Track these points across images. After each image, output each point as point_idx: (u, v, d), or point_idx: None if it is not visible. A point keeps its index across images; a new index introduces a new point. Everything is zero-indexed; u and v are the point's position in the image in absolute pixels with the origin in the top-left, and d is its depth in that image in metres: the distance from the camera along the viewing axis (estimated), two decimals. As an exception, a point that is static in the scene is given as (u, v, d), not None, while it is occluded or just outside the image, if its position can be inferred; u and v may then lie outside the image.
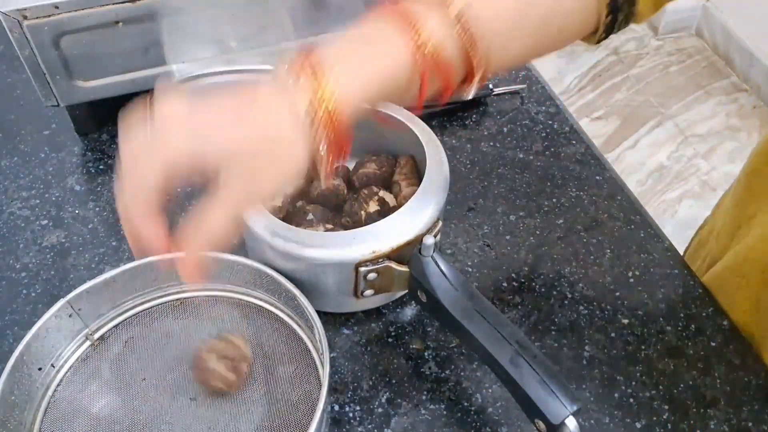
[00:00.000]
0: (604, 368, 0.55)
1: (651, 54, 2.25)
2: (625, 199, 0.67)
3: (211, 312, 0.56)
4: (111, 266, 0.61)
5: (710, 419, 0.52)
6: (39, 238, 0.64)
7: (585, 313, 0.59)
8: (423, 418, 0.52)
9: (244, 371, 0.51)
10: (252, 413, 0.50)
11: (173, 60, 0.67)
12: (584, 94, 2.11)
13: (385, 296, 0.57)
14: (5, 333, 0.57)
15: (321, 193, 0.60)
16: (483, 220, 0.66)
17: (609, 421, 0.52)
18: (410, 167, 0.61)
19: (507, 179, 0.69)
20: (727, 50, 2.19)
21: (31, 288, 0.60)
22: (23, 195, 0.68)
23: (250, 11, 0.66)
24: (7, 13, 0.58)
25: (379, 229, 0.52)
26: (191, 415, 0.50)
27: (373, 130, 0.62)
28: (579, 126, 0.75)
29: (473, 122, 0.75)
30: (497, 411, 0.53)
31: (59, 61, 0.62)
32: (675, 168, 1.89)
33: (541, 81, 0.80)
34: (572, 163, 0.71)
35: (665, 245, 0.64)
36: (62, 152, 0.72)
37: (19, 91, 0.78)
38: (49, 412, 0.50)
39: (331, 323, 0.58)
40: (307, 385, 0.51)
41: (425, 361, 0.56)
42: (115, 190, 0.40)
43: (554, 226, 0.65)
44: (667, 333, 0.57)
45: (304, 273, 0.53)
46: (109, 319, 0.55)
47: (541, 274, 0.61)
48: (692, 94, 2.12)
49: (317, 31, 0.71)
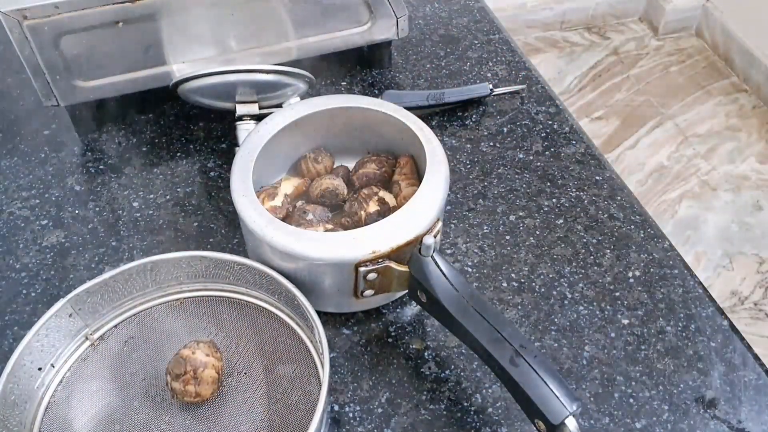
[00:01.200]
0: (604, 368, 0.55)
1: (651, 54, 2.25)
2: (625, 199, 0.67)
3: (211, 312, 0.56)
4: (111, 266, 0.61)
5: (710, 419, 0.52)
6: (39, 238, 0.64)
7: (585, 313, 0.59)
8: (423, 418, 0.52)
9: (211, 377, 0.50)
10: (252, 413, 0.50)
11: (173, 60, 0.67)
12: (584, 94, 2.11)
13: (385, 296, 0.57)
14: (5, 333, 0.57)
15: (321, 193, 0.60)
16: (483, 220, 0.66)
17: (609, 421, 0.52)
18: (410, 167, 0.61)
19: (507, 179, 0.69)
20: (727, 50, 2.19)
21: (31, 288, 0.60)
22: (23, 195, 0.68)
23: (250, 11, 0.66)
24: (7, 13, 0.58)
25: (379, 229, 0.52)
26: (191, 415, 0.50)
27: (373, 130, 0.62)
28: (579, 126, 0.75)
29: (473, 122, 0.75)
30: (497, 411, 0.53)
31: (59, 61, 0.62)
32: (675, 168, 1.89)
33: (541, 81, 0.80)
34: (572, 163, 0.71)
35: (665, 245, 0.64)
36: (62, 152, 0.72)
37: (19, 91, 0.78)
38: (49, 412, 0.50)
39: (331, 323, 0.58)
40: (307, 385, 0.51)
41: (425, 361, 0.55)
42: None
43: (554, 226, 0.65)
44: (667, 333, 0.57)
45: (304, 273, 0.53)
46: (109, 319, 0.55)
47: (541, 274, 0.61)
48: (692, 94, 2.12)
49: (317, 31, 0.71)
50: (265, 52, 0.70)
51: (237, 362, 0.53)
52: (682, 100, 2.10)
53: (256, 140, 0.58)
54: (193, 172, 0.70)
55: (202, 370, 0.49)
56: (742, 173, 1.88)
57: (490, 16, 0.89)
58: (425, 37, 0.86)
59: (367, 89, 0.79)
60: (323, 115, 0.61)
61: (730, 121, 2.03)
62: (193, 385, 0.49)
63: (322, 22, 0.71)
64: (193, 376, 0.49)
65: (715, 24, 2.22)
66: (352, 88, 0.79)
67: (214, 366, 0.50)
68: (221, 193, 0.68)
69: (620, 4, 2.32)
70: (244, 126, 0.65)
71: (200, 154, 0.72)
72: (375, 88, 0.79)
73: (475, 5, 0.91)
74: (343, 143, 0.64)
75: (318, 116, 0.60)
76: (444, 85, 0.79)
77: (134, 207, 0.67)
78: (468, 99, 0.76)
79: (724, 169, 1.89)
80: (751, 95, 2.11)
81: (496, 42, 0.85)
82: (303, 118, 0.60)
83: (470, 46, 0.85)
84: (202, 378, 0.49)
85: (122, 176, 0.69)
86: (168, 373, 0.50)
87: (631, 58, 2.24)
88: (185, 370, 0.49)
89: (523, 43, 2.24)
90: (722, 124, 2.02)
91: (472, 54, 0.84)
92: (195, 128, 0.74)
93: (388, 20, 0.73)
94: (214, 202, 0.67)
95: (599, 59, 2.23)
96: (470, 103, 0.77)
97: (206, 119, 0.75)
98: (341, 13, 0.71)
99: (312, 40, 0.71)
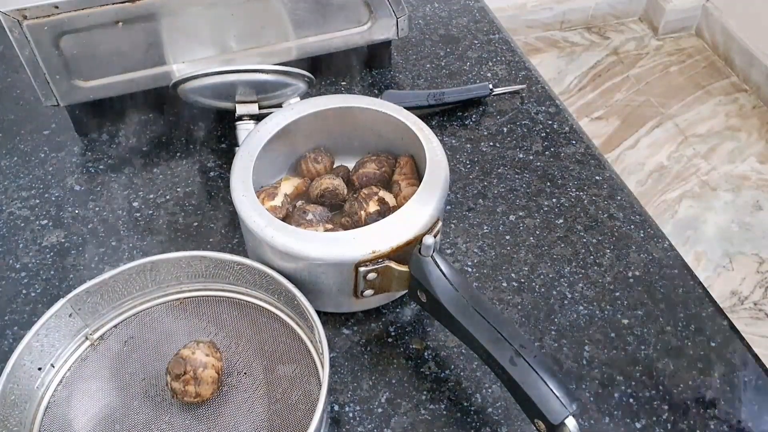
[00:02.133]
0: (604, 368, 0.55)
1: (651, 54, 2.25)
2: (625, 199, 0.67)
3: (211, 312, 0.56)
4: (111, 266, 0.61)
5: (710, 419, 0.52)
6: (39, 238, 0.64)
7: (585, 313, 0.59)
8: (423, 418, 0.52)
9: (211, 377, 0.50)
10: (252, 413, 0.50)
11: (173, 60, 0.67)
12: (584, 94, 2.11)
13: (385, 296, 0.57)
14: (5, 333, 0.57)
15: (321, 193, 0.60)
16: (483, 220, 0.66)
17: (609, 421, 0.52)
18: (410, 167, 0.61)
19: (507, 179, 0.69)
20: (727, 50, 2.19)
21: (31, 288, 0.60)
22: (23, 195, 0.68)
23: (250, 11, 0.66)
24: (7, 13, 0.58)
25: (379, 229, 0.52)
26: (191, 415, 0.50)
27: (373, 130, 0.62)
28: (579, 126, 0.75)
29: (473, 122, 0.75)
30: (497, 411, 0.53)
31: (59, 61, 0.62)
32: (675, 168, 1.89)
33: (541, 81, 0.80)
34: (572, 163, 0.71)
35: (665, 245, 0.64)
36: (62, 152, 0.72)
37: (19, 91, 0.78)
38: (49, 411, 0.50)
39: (331, 323, 0.58)
40: (307, 385, 0.51)
41: (425, 361, 0.55)
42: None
43: (554, 226, 0.65)
44: (667, 333, 0.57)
45: (304, 273, 0.53)
46: (109, 318, 0.55)
47: (541, 274, 0.61)
48: (692, 94, 2.12)
49: (317, 31, 0.71)
50: (265, 52, 0.70)
51: (237, 362, 0.53)
52: (682, 100, 2.10)
53: (256, 140, 0.58)
54: (193, 172, 0.70)
55: (202, 370, 0.49)
56: (742, 173, 1.88)
57: (489, 16, 0.89)
58: (425, 37, 0.86)
59: (367, 89, 0.79)
60: (323, 115, 0.61)
61: (730, 121, 2.03)
62: (193, 385, 0.49)
63: (322, 22, 0.71)
64: (193, 376, 0.49)
65: (715, 24, 2.22)
66: (352, 88, 0.79)
67: (214, 366, 0.50)
68: (221, 193, 0.68)
69: (620, 4, 2.32)
70: (244, 126, 0.65)
71: (200, 154, 0.72)
72: (375, 88, 0.79)
73: (475, 5, 0.91)
74: (343, 143, 0.64)
75: (318, 116, 0.60)
76: (444, 85, 0.79)
77: (134, 207, 0.67)
78: (468, 99, 0.76)
79: (724, 169, 1.89)
80: (751, 95, 2.11)
81: (496, 42, 0.85)
82: (303, 118, 0.60)
83: (470, 46, 0.85)
84: (202, 378, 0.49)
85: (122, 176, 0.69)
86: (168, 373, 0.50)
87: (631, 58, 2.24)
88: (185, 370, 0.49)
89: (523, 43, 2.24)
90: (722, 124, 2.02)
91: (472, 54, 0.84)
92: (195, 128, 0.74)
93: (388, 20, 0.73)
94: (213, 202, 0.67)
95: (599, 59, 2.23)
96: (470, 103, 0.77)
97: (206, 119, 0.75)
98: (341, 13, 0.71)
99: (312, 40, 0.71)
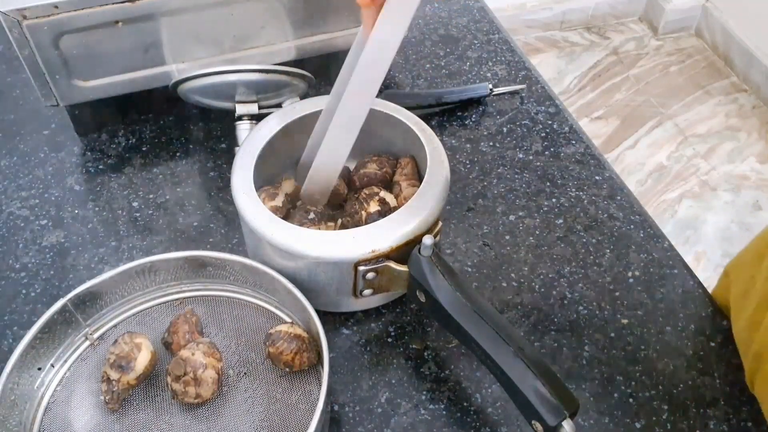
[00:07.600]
0: (604, 368, 0.55)
1: (651, 54, 2.25)
2: (625, 199, 0.67)
3: (211, 312, 0.56)
4: (111, 266, 0.61)
5: (710, 419, 0.52)
6: (38, 238, 0.64)
7: (585, 313, 0.59)
8: (423, 418, 0.52)
9: (211, 378, 0.50)
10: (252, 413, 0.50)
11: (173, 60, 0.67)
12: (584, 94, 2.11)
13: (385, 296, 0.57)
14: (5, 333, 0.57)
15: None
16: (483, 220, 0.66)
17: (609, 421, 0.52)
18: (411, 168, 0.61)
19: (507, 179, 0.69)
20: (727, 50, 2.19)
21: (31, 288, 0.60)
22: (23, 195, 0.68)
23: (250, 11, 0.66)
24: (7, 13, 0.58)
25: (379, 228, 0.52)
26: (191, 415, 0.50)
27: (373, 130, 0.62)
28: (579, 126, 0.75)
29: (473, 122, 0.75)
30: (497, 411, 0.52)
31: (59, 61, 0.62)
32: (675, 168, 1.89)
33: (541, 81, 0.80)
34: (572, 163, 0.71)
35: (665, 245, 0.64)
36: (62, 152, 0.72)
37: (19, 91, 0.78)
38: (49, 412, 0.50)
39: (331, 323, 0.58)
40: (307, 385, 0.51)
41: (425, 361, 0.55)
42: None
43: (554, 226, 0.65)
44: (667, 333, 0.57)
45: (304, 272, 0.53)
46: (109, 319, 0.55)
47: (541, 274, 0.61)
48: (692, 94, 2.12)
49: (317, 31, 0.71)
50: (265, 52, 0.70)
51: (237, 362, 0.53)
52: (682, 100, 2.10)
53: (256, 140, 0.58)
54: (193, 172, 0.70)
55: (202, 371, 0.49)
56: (742, 173, 1.88)
57: (489, 16, 0.89)
58: (425, 37, 0.86)
59: (367, 89, 0.79)
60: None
61: (729, 121, 2.03)
62: (194, 386, 0.49)
63: (322, 22, 0.70)
64: (193, 377, 0.49)
65: (715, 24, 2.22)
66: (352, 88, 0.79)
67: (214, 367, 0.50)
68: (221, 193, 0.68)
69: (620, 4, 2.32)
70: (244, 126, 0.65)
71: (200, 154, 0.72)
72: (375, 88, 0.79)
73: (475, 5, 0.91)
74: (342, 143, 0.63)
75: (318, 116, 0.60)
76: (444, 85, 0.79)
77: (134, 207, 0.67)
78: (468, 99, 0.76)
79: (724, 169, 1.89)
80: (751, 95, 2.11)
81: (496, 42, 0.85)
82: (303, 117, 0.60)
83: (470, 46, 0.85)
84: (202, 379, 0.49)
85: (122, 176, 0.69)
86: (168, 374, 0.50)
87: (631, 58, 2.24)
88: (185, 371, 0.49)
89: (523, 43, 2.24)
90: (722, 124, 2.02)
91: (472, 54, 0.84)
92: (195, 128, 0.74)
93: (388, 20, 0.73)
94: (213, 202, 0.67)
95: (599, 59, 2.23)
96: (470, 103, 0.77)
97: (206, 119, 0.75)
98: (341, 13, 0.71)
99: (312, 40, 0.71)
